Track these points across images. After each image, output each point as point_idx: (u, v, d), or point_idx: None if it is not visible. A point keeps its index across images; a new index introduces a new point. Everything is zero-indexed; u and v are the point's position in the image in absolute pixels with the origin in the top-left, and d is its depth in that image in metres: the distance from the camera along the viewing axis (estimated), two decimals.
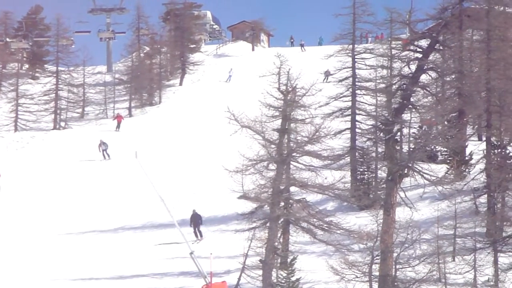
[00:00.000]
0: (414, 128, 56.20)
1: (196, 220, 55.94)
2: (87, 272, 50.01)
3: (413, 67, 47.91)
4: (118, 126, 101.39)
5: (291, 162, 44.52)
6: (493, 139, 53.01)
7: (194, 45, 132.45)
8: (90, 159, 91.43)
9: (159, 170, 75.06)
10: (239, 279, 45.72)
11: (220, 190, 60.17)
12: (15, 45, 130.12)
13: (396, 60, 53.50)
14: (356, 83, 63.98)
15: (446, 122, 54.37)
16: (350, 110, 62.96)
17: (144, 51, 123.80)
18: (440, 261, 41.52)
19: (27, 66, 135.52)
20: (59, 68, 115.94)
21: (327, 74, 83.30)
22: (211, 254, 42.26)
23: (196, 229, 55.29)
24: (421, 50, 48.17)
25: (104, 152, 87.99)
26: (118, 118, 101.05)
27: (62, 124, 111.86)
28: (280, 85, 45.71)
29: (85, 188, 79.00)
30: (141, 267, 52.52)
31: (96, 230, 64.68)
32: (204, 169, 76.64)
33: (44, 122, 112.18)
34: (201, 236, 54.08)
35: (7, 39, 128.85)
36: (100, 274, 50.75)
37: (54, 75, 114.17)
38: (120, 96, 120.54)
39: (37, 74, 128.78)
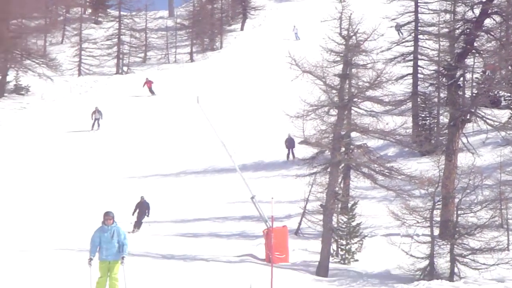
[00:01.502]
0: (477, 73, 55.64)
1: (142, 209, 49.93)
2: (150, 215, 50.75)
3: (477, 11, 47.82)
4: (151, 91, 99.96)
5: (352, 108, 44.53)
6: None
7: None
8: (153, 103, 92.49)
9: (220, 115, 75.09)
10: (299, 223, 46.10)
11: (281, 135, 60.34)
12: None
13: (460, 4, 52.36)
14: (419, 28, 63.60)
15: (510, 67, 53.61)
16: (412, 55, 62.67)
17: None
18: (502, 207, 41.42)
19: (90, 10, 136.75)
20: (122, 13, 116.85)
21: (398, 27, 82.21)
22: (272, 198, 41.67)
23: (138, 220, 49.65)
24: None
25: (97, 121, 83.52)
26: (148, 83, 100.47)
27: (125, 68, 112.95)
28: (342, 30, 45.31)
29: (148, 133, 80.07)
30: (203, 211, 53.14)
31: (158, 174, 65.71)
32: (265, 114, 76.81)
33: (107, 66, 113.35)
34: (138, 228, 49.45)
35: None
36: (163, 217, 51.63)
37: (117, 20, 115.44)
38: (181, 41, 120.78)
39: (100, 19, 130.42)
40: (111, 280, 24.67)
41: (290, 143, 59.01)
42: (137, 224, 49.93)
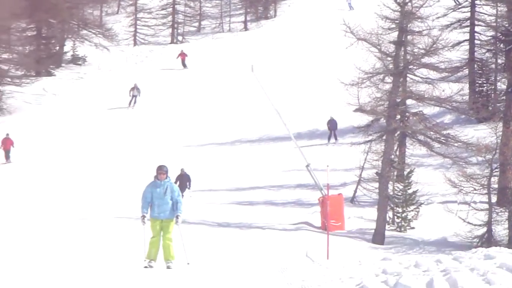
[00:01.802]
0: None
1: (183, 182, 49.23)
2: (205, 183, 51.06)
3: None
4: (183, 64, 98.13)
5: (408, 75, 44.52)
6: None
7: None
8: (207, 72, 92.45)
9: (274, 84, 75.34)
10: (355, 191, 46.40)
11: (336, 103, 60.32)
12: None
13: None
14: None
15: None
16: (469, 21, 62.44)
17: None
18: None
19: None
20: None
21: None
22: (327, 166, 41.91)
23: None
24: None
25: (135, 98, 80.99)
26: (182, 56, 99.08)
27: (179, 38, 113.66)
28: None
29: (203, 102, 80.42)
30: (258, 180, 53.46)
31: (214, 143, 66.08)
32: (320, 82, 76.71)
33: (162, 36, 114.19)
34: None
35: None
36: (218, 185, 52.04)
37: None
38: (235, 10, 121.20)
39: None
40: (164, 240, 22.01)
41: (332, 125, 58.54)
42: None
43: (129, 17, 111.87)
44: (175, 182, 44.30)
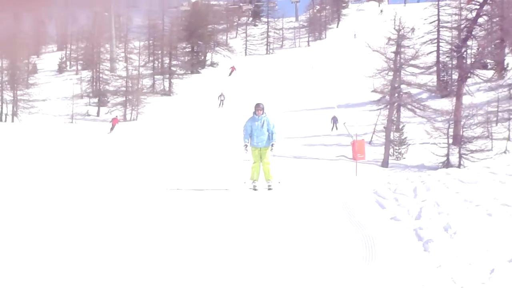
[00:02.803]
0: (474, 49, 56.00)
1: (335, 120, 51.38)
2: (287, 134, 49.44)
3: (474, 13, 49.02)
4: (230, 74, 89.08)
5: (402, 71, 45.15)
6: None
7: (344, 5, 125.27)
8: (286, 69, 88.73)
9: (324, 78, 74.78)
10: (371, 137, 47.13)
11: (360, 87, 60.77)
12: None
13: (464, 9, 53.98)
14: (441, 25, 64.05)
15: (493, 46, 54.19)
16: (436, 39, 62.91)
17: None
18: (488, 126, 42.17)
19: (251, 18, 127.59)
20: (269, 19, 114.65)
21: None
22: (344, 123, 45.77)
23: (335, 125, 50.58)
24: (478, 3, 48.64)
25: (222, 102, 71.91)
26: (232, 68, 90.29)
27: (270, 51, 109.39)
28: (395, 25, 46.73)
29: (283, 83, 78.02)
30: (317, 132, 52.84)
31: (291, 110, 64.57)
32: (354, 74, 73.84)
33: (260, 50, 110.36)
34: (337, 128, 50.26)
35: None
36: (294, 136, 50.78)
37: (266, 23, 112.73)
38: (303, 34, 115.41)
39: (256, 23, 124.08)
40: (264, 165, 18.94)
41: (334, 120, 54.60)
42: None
43: (242, 40, 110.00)
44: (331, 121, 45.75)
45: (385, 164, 40.51)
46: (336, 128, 52.94)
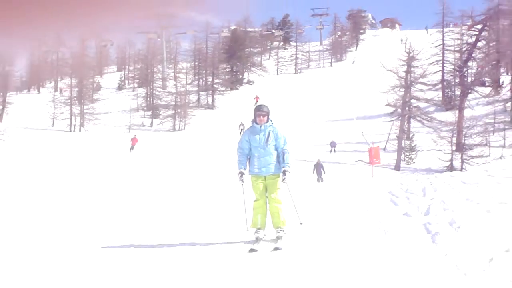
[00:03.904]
0: (474, 69, 55.80)
1: (318, 169, 32.88)
2: (302, 143, 48.88)
3: (473, 38, 49.13)
4: (256, 99, 79.77)
5: (412, 87, 45.43)
6: None
7: (362, 31, 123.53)
8: (315, 83, 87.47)
9: (347, 90, 74.33)
10: (385, 144, 47.01)
11: (376, 101, 60.20)
12: None
13: (465, 35, 54.09)
14: (445, 48, 63.54)
15: (490, 66, 54.28)
16: (441, 60, 62.57)
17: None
18: (486, 135, 41.81)
19: (282, 42, 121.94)
20: (298, 44, 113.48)
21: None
22: (362, 132, 44.86)
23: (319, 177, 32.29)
24: (477, 30, 49.13)
25: (242, 131, 57.25)
26: (256, 98, 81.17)
27: (299, 71, 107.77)
28: (406, 49, 46.94)
29: (313, 98, 76.67)
30: (338, 139, 52.21)
31: (316, 122, 63.43)
32: (373, 90, 70.51)
33: (290, 69, 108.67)
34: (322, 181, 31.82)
35: None
36: (314, 143, 50.25)
37: (294, 46, 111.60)
38: (327, 56, 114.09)
39: (286, 47, 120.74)
40: (271, 203, 9.24)
41: (332, 144, 48.35)
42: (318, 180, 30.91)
43: (274, 62, 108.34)
44: (314, 170, 32.65)
45: (397, 167, 40.21)
46: (334, 151, 47.29)
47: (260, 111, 8.74)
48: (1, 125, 59.41)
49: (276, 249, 7.90)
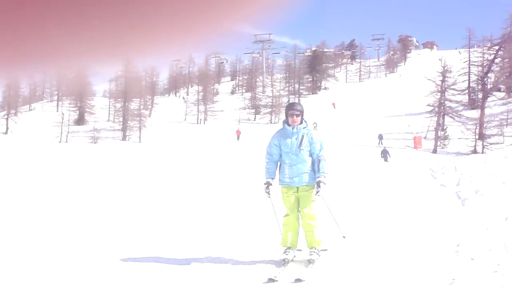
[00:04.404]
0: (492, 78, 53.53)
1: (384, 154, 28.40)
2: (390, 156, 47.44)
3: (492, 56, 49.45)
4: (333, 106, 74.47)
5: (445, 92, 45.06)
6: None
7: (408, 51, 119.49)
8: (376, 92, 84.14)
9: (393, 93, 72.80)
10: (426, 134, 46.47)
11: (419, 102, 57.91)
12: None
13: (485, 53, 53.24)
14: (471, 63, 61.15)
15: (504, 77, 52.64)
16: (468, 73, 59.71)
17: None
18: (501, 127, 41.87)
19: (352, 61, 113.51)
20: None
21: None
22: (409, 125, 45.37)
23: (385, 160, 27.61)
24: (495, 50, 49.44)
25: (381, 141, 48.43)
26: (333, 104, 74.34)
27: (363, 79, 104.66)
28: (442, 64, 46.73)
29: (374, 103, 73.86)
30: (389, 131, 49.48)
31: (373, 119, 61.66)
32: (413, 95, 68.62)
33: (353, 77, 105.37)
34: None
35: None
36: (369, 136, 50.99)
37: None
38: (380, 70, 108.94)
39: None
40: (303, 219, 5.08)
41: (380, 137, 43.10)
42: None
43: (343, 73, 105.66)
44: (381, 156, 27.03)
45: (434, 151, 40.06)
46: (381, 144, 40.76)
47: (293, 110, 5.39)
48: (151, 119, 62.39)
49: (298, 280, 4.60)
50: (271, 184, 5.20)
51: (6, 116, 64.14)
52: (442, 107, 44.56)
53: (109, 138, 56.09)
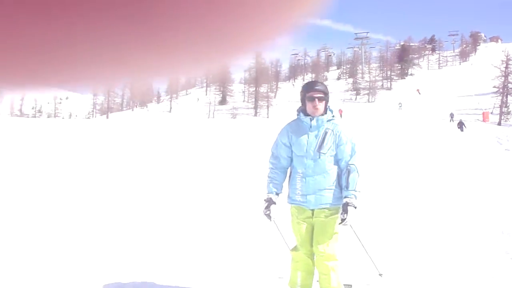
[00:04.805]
0: None
1: (461, 125, 23.09)
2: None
3: None
4: (418, 92, 68.52)
5: (509, 76, 43.20)
6: None
7: (478, 44, 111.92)
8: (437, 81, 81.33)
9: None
10: (492, 110, 43.80)
11: (487, 84, 52.85)
12: None
13: None
14: None
15: None
16: None
17: None
18: None
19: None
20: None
21: None
22: (478, 103, 43.55)
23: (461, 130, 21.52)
24: None
25: (400, 107, 54.44)
26: (418, 90, 69.58)
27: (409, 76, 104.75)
28: (506, 54, 45.14)
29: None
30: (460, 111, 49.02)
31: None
32: (482, 79, 62.20)
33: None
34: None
35: None
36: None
37: None
38: (453, 59, 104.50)
39: None
40: (318, 258, 2.00)
41: (451, 115, 38.60)
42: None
43: (426, 62, 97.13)
44: (458, 127, 20.23)
45: (499, 124, 39.63)
46: (452, 121, 36.07)
47: (314, 91, 2.43)
48: (276, 100, 62.38)
49: None
50: (274, 203, 2.54)
51: (170, 99, 68.99)
52: (505, 88, 46.68)
53: (244, 115, 59.48)
